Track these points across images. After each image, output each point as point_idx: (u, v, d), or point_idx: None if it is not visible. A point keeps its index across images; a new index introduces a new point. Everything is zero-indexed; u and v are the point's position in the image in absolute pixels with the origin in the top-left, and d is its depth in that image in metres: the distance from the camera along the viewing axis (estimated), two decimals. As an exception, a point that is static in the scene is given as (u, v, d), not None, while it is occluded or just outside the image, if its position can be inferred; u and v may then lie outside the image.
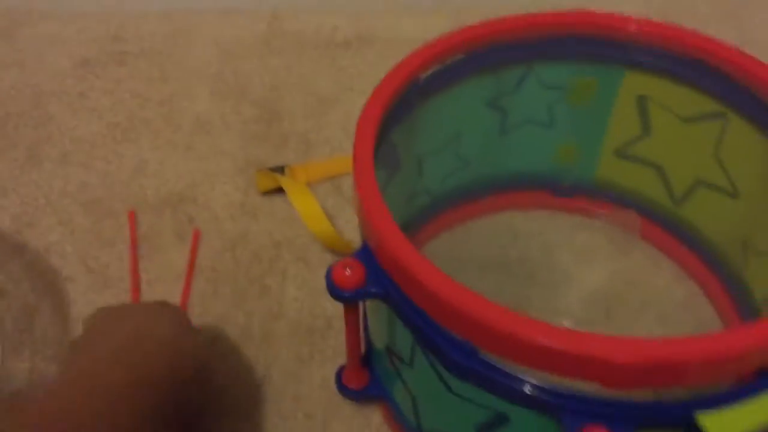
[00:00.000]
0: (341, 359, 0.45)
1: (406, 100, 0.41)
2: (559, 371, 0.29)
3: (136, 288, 0.50)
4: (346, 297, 0.35)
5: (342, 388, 0.43)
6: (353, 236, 0.52)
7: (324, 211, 0.54)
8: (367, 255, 0.35)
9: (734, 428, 0.29)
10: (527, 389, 0.30)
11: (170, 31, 0.70)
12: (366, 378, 0.42)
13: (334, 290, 0.35)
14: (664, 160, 0.49)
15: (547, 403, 0.30)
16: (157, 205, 0.55)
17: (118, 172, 0.58)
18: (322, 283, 0.50)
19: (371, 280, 0.34)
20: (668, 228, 0.51)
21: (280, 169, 0.56)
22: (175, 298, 0.50)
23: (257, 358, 0.46)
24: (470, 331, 0.31)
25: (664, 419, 0.30)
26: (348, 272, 0.34)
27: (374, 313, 0.39)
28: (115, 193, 0.56)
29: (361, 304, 0.39)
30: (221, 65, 0.67)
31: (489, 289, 0.50)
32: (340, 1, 0.71)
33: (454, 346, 0.31)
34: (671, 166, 0.49)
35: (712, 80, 0.43)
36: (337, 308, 0.49)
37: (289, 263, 0.52)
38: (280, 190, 0.56)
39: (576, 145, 0.51)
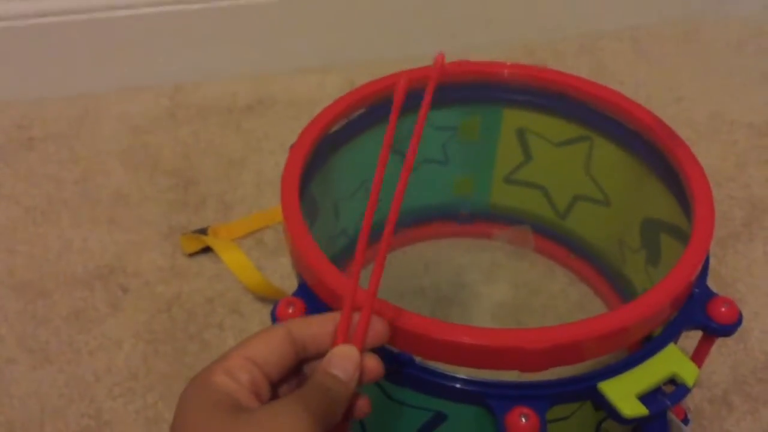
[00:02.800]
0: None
1: (320, 154, 0.47)
2: (483, 365, 0.35)
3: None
4: (291, 331, 0.39)
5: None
6: (280, 283, 0.56)
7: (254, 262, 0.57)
8: (305, 292, 0.39)
9: (629, 390, 0.35)
10: (458, 385, 0.36)
11: (74, 114, 0.73)
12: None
13: (280, 327, 0.39)
14: (545, 181, 0.56)
15: (477, 394, 0.36)
16: (87, 279, 0.58)
17: (43, 253, 0.60)
18: (258, 329, 0.54)
19: (312, 313, 0.39)
20: (558, 240, 0.58)
21: (203, 231, 0.60)
22: (119, 364, 0.52)
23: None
24: (405, 343, 0.35)
25: (573, 392, 0.36)
26: (291, 310, 0.39)
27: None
28: (43, 274, 0.58)
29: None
30: (130, 140, 0.70)
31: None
32: (236, 69, 0.76)
33: (392, 358, 0.36)
34: (552, 186, 0.56)
35: (575, 109, 0.50)
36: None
37: (224, 316, 0.55)
38: (204, 251, 0.60)
39: (471, 177, 0.58)
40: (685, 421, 0.47)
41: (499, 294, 0.58)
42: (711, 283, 0.40)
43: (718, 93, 0.75)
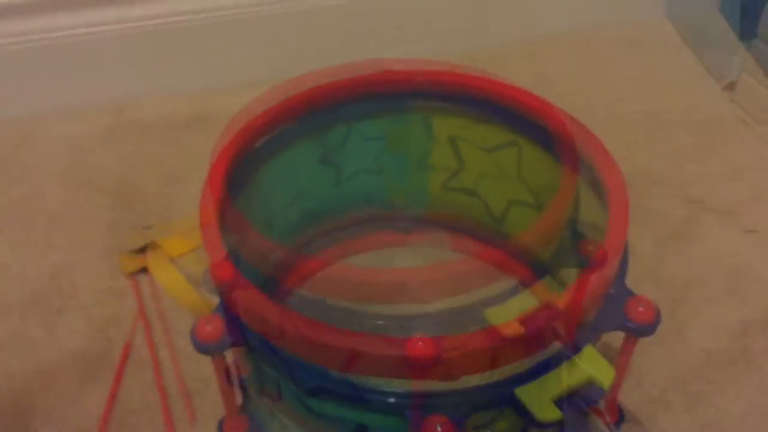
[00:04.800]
0: (222, 414, 0.48)
1: (244, 169, 0.46)
2: (395, 375, 0.35)
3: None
4: (211, 350, 0.38)
5: (224, 437, 0.46)
6: (219, 300, 0.56)
7: (193, 280, 0.57)
8: (225, 309, 0.39)
9: (545, 395, 0.35)
10: (375, 397, 0.35)
11: (11, 137, 0.72)
12: (246, 425, 0.46)
13: (199, 345, 0.38)
14: (479, 188, 0.56)
15: (394, 405, 0.35)
16: (22, 305, 0.57)
17: (-22, 279, 0.59)
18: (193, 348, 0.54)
19: (231, 331, 0.38)
20: (496, 244, 0.58)
21: (144, 249, 0.60)
22: (45, 397, 0.51)
23: (140, 430, 0.49)
24: (318, 356, 0.35)
25: (489, 398, 0.36)
26: (209, 328, 0.38)
27: (243, 360, 0.43)
28: (-23, 299, 0.57)
29: (230, 356, 0.43)
30: (69, 160, 0.69)
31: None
32: (176, 87, 0.76)
33: (307, 371, 0.36)
34: (486, 192, 0.56)
35: (501, 116, 0.50)
36: (211, 368, 0.52)
37: (161, 336, 0.55)
38: (146, 269, 0.59)
39: (406, 186, 0.58)
40: (619, 422, 0.47)
41: (440, 301, 0.58)
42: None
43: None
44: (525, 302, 0.39)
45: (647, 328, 0.39)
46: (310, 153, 0.52)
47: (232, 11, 0.73)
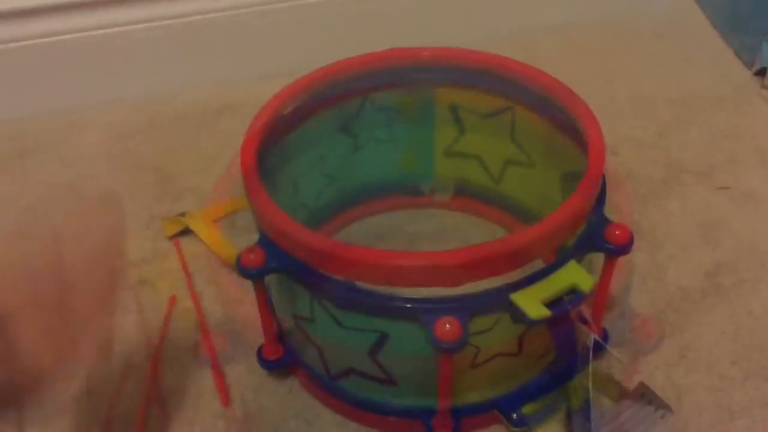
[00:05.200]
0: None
1: (274, 133, 0.54)
2: (411, 283, 0.42)
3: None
4: (254, 274, 0.46)
5: (262, 360, 0.53)
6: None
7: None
8: (265, 242, 0.46)
9: (535, 298, 0.42)
10: (393, 303, 0.43)
11: (61, 126, 0.80)
12: (281, 351, 0.53)
13: (244, 270, 0.46)
14: (479, 151, 0.63)
15: (409, 309, 0.43)
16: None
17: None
18: (233, 295, 0.61)
19: (270, 259, 0.46)
20: (495, 203, 0.65)
21: (182, 215, 0.67)
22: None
23: (194, 364, 0.57)
24: (347, 270, 0.43)
25: (490, 302, 0.43)
26: (252, 256, 0.46)
27: (279, 290, 0.50)
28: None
29: (267, 285, 0.50)
30: (113, 145, 0.77)
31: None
32: (206, 79, 0.84)
33: (337, 285, 0.43)
34: (485, 154, 0.63)
35: (497, 84, 0.58)
36: (249, 312, 0.60)
37: (204, 287, 0.62)
38: (183, 234, 0.67)
39: (415, 153, 0.65)
40: (605, 338, 0.54)
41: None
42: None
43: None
44: (551, 286, 0.42)
45: (623, 248, 0.45)
46: (329, 121, 0.60)
47: (259, 8, 0.82)
